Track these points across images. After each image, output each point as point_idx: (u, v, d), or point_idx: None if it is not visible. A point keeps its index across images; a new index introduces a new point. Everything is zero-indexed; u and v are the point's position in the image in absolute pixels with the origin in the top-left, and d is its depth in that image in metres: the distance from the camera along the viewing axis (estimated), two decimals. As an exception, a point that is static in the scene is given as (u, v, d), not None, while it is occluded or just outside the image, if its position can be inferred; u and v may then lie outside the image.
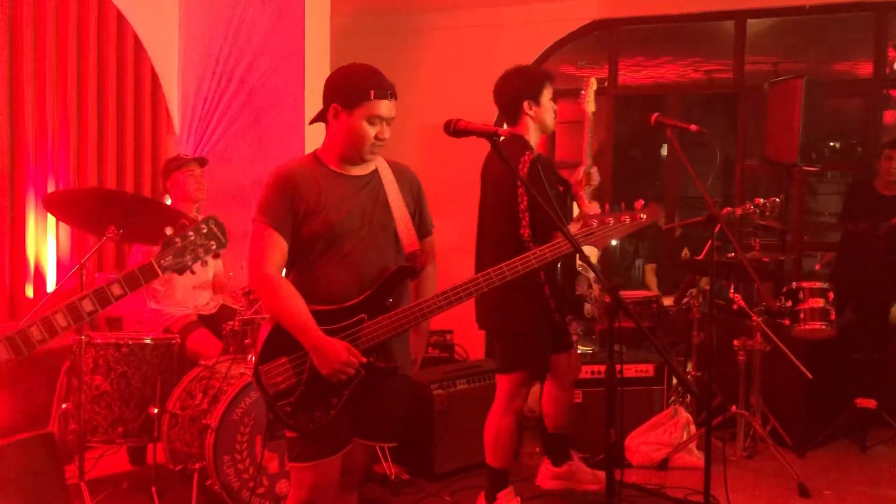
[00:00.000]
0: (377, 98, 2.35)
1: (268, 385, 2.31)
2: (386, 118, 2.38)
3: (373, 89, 2.34)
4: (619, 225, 2.39)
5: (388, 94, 2.37)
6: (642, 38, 6.56)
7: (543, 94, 3.42)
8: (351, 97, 2.36)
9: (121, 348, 3.55)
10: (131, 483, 3.77)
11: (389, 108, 2.38)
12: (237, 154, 5.26)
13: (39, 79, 4.63)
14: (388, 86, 2.38)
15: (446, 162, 3.56)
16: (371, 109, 2.35)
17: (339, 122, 2.40)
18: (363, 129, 2.37)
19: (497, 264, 2.41)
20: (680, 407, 4.45)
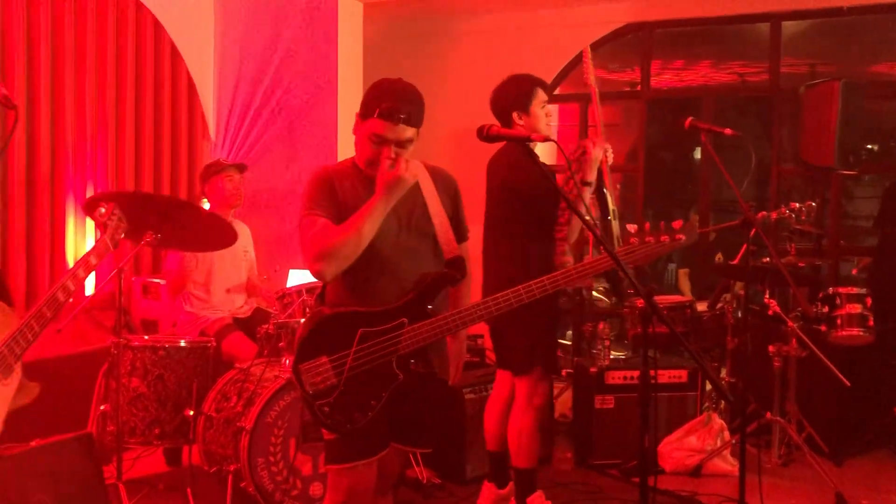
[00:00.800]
0: (380, 117, 2.30)
1: (307, 384, 2.32)
2: (391, 141, 2.32)
3: (380, 108, 2.30)
4: (658, 245, 2.38)
5: (397, 118, 2.29)
6: (675, 41, 6.52)
7: (533, 104, 3.42)
8: (364, 110, 2.37)
9: (157, 351, 3.60)
10: (167, 484, 3.82)
11: (396, 132, 2.31)
12: (270, 160, 5.32)
13: (80, 86, 4.73)
14: (402, 109, 2.30)
15: (476, 166, 3.57)
16: (373, 127, 2.33)
17: (356, 132, 2.42)
18: (366, 144, 2.36)
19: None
20: (713, 413, 4.41)
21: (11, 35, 4.36)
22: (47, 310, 1.96)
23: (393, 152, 2.33)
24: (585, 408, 4.34)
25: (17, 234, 4.44)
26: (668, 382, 4.36)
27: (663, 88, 7.75)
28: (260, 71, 5.49)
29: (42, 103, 4.52)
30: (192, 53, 5.44)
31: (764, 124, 7.74)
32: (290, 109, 5.42)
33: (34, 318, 1.92)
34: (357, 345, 2.33)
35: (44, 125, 4.54)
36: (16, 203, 4.42)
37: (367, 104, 2.36)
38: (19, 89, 4.40)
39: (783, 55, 5.71)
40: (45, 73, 4.52)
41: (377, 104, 2.32)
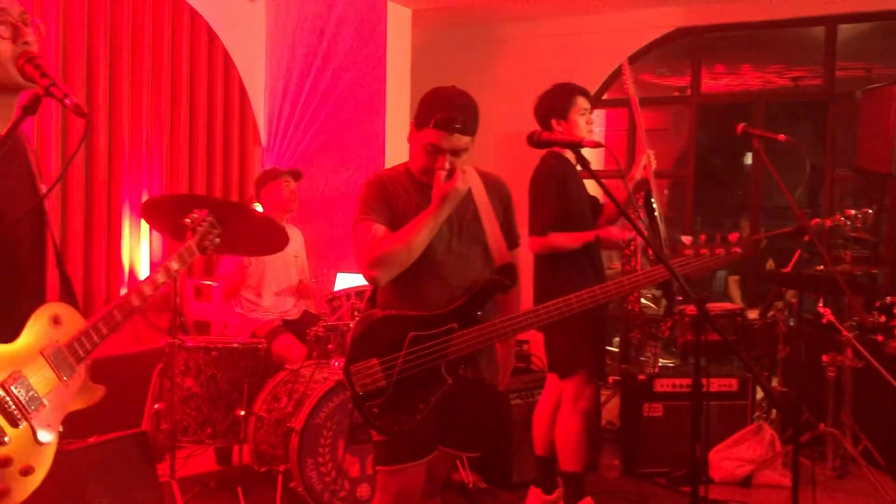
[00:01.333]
0: (436, 127, 2.31)
1: (358, 385, 2.34)
2: (446, 150, 2.33)
3: (435, 118, 2.31)
4: (714, 257, 2.36)
5: (452, 128, 2.30)
6: (726, 45, 6.43)
7: (572, 111, 3.47)
8: (418, 119, 2.38)
9: (210, 352, 3.67)
10: (218, 483, 3.89)
11: (451, 141, 2.31)
12: (319, 165, 5.39)
13: (136, 93, 4.85)
14: (457, 118, 2.30)
15: (525, 172, 3.58)
16: (428, 137, 2.34)
17: (411, 140, 2.44)
18: (421, 153, 2.38)
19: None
20: (765, 423, 4.33)
21: (72, 44, 4.49)
22: (118, 313, 1.93)
23: (448, 162, 2.34)
24: (633, 415, 4.30)
25: (76, 238, 4.57)
26: (719, 391, 4.30)
27: (713, 93, 7.64)
28: (310, 77, 5.57)
29: (100, 110, 4.65)
30: (245, 60, 5.54)
31: (818, 129, 7.58)
32: (338, 115, 5.49)
33: (102, 320, 1.91)
34: (407, 348, 2.35)
35: (101, 132, 4.66)
36: (74, 208, 4.55)
37: (423, 113, 2.37)
38: (79, 96, 4.52)
39: (839, 59, 5.60)
40: (104, 80, 4.65)
41: (432, 114, 2.32)
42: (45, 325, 1.83)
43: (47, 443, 1.79)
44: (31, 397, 1.75)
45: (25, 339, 1.79)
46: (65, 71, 4.48)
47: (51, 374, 1.81)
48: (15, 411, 1.72)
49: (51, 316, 1.85)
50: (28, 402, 1.75)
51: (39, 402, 1.77)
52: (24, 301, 1.84)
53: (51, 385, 1.81)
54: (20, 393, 1.73)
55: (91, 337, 1.88)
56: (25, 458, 1.74)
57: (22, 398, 1.74)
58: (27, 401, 1.75)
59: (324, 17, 5.52)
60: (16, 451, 1.73)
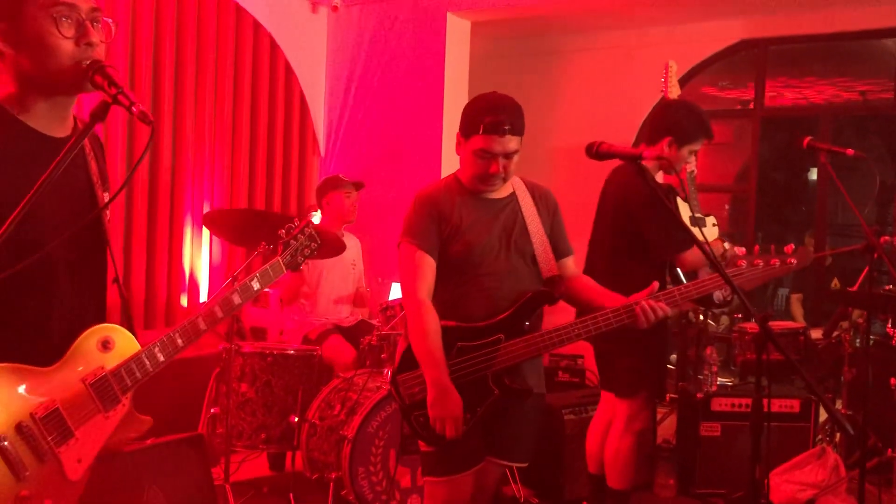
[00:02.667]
0: (486, 133, 2.32)
1: (405, 394, 2.36)
2: (498, 153, 2.34)
3: (483, 123, 2.32)
4: (767, 268, 2.31)
5: (501, 130, 2.31)
6: (790, 57, 6.29)
7: (690, 145, 3.33)
8: (466, 128, 2.40)
9: (266, 358, 3.71)
10: (271, 488, 3.93)
11: (502, 144, 2.33)
12: (377, 175, 5.43)
13: (200, 104, 4.96)
14: (504, 120, 2.32)
15: (586, 183, 3.53)
16: (479, 143, 2.34)
17: (460, 151, 2.45)
18: (473, 161, 2.38)
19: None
20: (828, 447, 4.19)
21: (139, 55, 4.62)
22: (180, 337, 1.74)
23: (500, 165, 2.35)
24: (690, 434, 4.20)
25: (139, 248, 4.69)
26: (779, 412, 4.17)
27: (777, 107, 7.48)
28: (368, 88, 5.63)
29: (165, 120, 4.77)
30: (306, 71, 5.63)
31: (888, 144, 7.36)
32: (396, 125, 5.53)
33: (160, 345, 1.71)
34: (454, 358, 2.35)
35: (165, 141, 4.78)
36: (138, 217, 4.67)
37: (470, 121, 2.39)
38: (145, 107, 4.64)
39: (909, 72, 5.42)
40: (168, 91, 4.77)
41: (480, 120, 2.34)
42: (91, 348, 1.65)
43: (77, 480, 1.61)
44: (62, 430, 1.58)
45: (68, 363, 1.62)
46: (132, 80, 4.60)
47: (91, 406, 1.63)
48: (42, 444, 1.55)
49: (100, 339, 1.67)
50: (59, 434, 1.57)
51: (71, 435, 1.59)
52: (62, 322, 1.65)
53: (88, 417, 1.62)
54: (49, 425, 1.56)
55: (144, 364, 1.69)
56: (49, 495, 1.56)
57: (52, 430, 1.56)
58: (58, 433, 1.57)
59: (384, 28, 5.58)
60: (38, 487, 1.55)
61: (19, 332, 1.61)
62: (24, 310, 1.61)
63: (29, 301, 1.61)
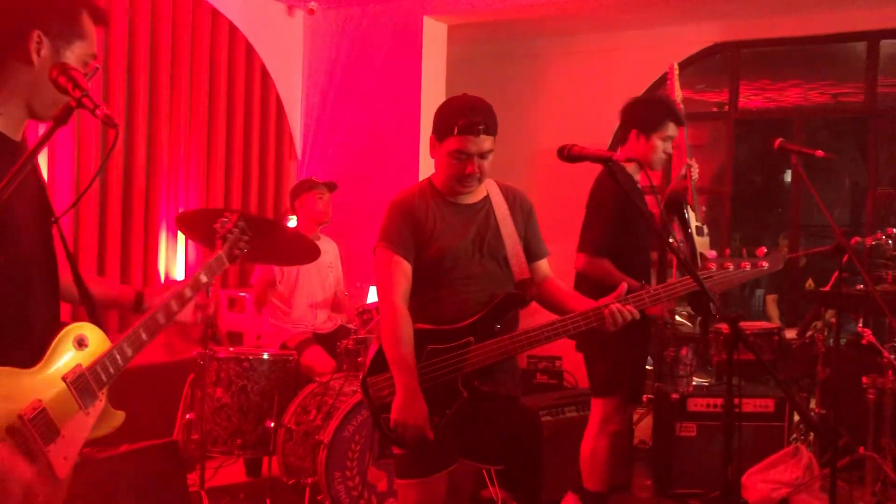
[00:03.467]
0: (460, 134, 2.33)
1: (374, 396, 2.36)
2: (474, 153, 2.35)
3: (457, 125, 2.33)
4: (739, 272, 2.34)
5: (476, 130, 2.33)
6: (764, 61, 6.35)
7: (657, 132, 3.34)
8: (440, 131, 2.40)
9: (241, 363, 3.69)
10: (247, 494, 3.91)
11: (477, 144, 2.34)
12: (355, 178, 5.42)
13: (175, 106, 4.93)
14: (478, 121, 2.33)
15: (563, 186, 3.56)
16: (454, 144, 2.35)
17: (435, 155, 2.45)
18: (449, 163, 2.39)
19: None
20: (802, 445, 4.23)
21: (113, 59, 4.58)
22: (144, 332, 1.78)
23: (476, 165, 2.36)
24: (666, 435, 4.23)
25: (113, 251, 4.64)
26: (754, 412, 4.21)
27: (752, 109, 7.55)
28: (345, 91, 5.62)
29: (139, 123, 4.73)
30: (282, 75, 5.61)
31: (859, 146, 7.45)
32: (374, 129, 5.52)
33: (127, 340, 1.76)
34: (424, 361, 2.36)
35: (140, 144, 4.74)
36: (112, 220, 4.63)
37: (443, 124, 2.39)
38: (119, 110, 4.62)
39: (880, 74, 5.49)
40: (143, 93, 4.73)
41: (454, 121, 2.35)
42: (69, 346, 1.70)
43: (64, 478, 1.65)
44: (50, 429, 1.62)
45: (49, 363, 1.66)
46: (106, 85, 4.57)
47: (72, 403, 1.67)
48: (33, 444, 1.58)
49: (76, 337, 1.71)
50: (47, 434, 1.61)
51: (58, 433, 1.63)
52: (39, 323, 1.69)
53: (71, 414, 1.67)
54: (38, 425, 1.59)
55: (116, 360, 1.73)
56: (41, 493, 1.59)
57: (40, 430, 1.59)
58: (46, 433, 1.61)
59: (360, 31, 5.57)
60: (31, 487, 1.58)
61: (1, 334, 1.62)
62: (5, 311, 1.63)
63: (9, 302, 1.63)
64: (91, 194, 4.51)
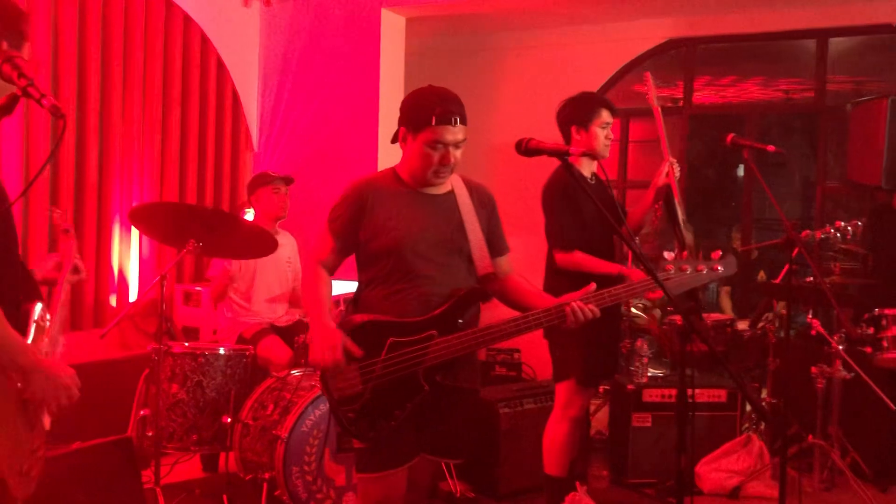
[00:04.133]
0: (438, 124, 2.34)
1: (334, 389, 2.35)
2: (450, 143, 2.37)
3: (435, 115, 2.33)
4: (695, 275, 2.38)
5: (452, 120, 2.34)
6: (718, 57, 6.46)
7: (594, 122, 3.46)
8: (415, 122, 2.39)
9: (197, 358, 3.65)
10: (203, 490, 3.86)
11: (454, 133, 2.35)
12: (313, 171, 5.38)
13: (128, 98, 4.84)
14: (454, 110, 2.35)
15: (525, 180, 3.59)
16: (432, 134, 2.35)
17: (407, 146, 2.44)
18: (426, 154, 2.38)
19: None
20: (753, 434, 4.32)
21: (63, 47, 4.48)
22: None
23: (451, 155, 2.38)
24: (622, 425, 4.29)
25: (65, 243, 4.54)
26: (707, 402, 4.29)
27: (706, 104, 7.68)
28: (303, 83, 5.57)
29: (90, 114, 4.63)
30: (238, 66, 5.54)
31: (809, 142, 7.63)
32: (332, 121, 5.49)
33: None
34: (386, 354, 2.35)
35: (92, 136, 4.65)
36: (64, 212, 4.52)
37: (418, 114, 2.38)
38: (70, 100, 4.52)
39: (830, 72, 5.62)
40: (94, 84, 4.64)
41: (430, 111, 2.35)
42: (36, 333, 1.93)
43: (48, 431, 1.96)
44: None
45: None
46: (56, 76, 4.47)
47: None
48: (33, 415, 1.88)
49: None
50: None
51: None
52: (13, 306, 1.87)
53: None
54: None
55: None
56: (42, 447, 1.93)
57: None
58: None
59: (318, 23, 5.53)
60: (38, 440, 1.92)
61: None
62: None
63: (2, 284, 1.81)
64: (41, 188, 4.41)
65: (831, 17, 5.35)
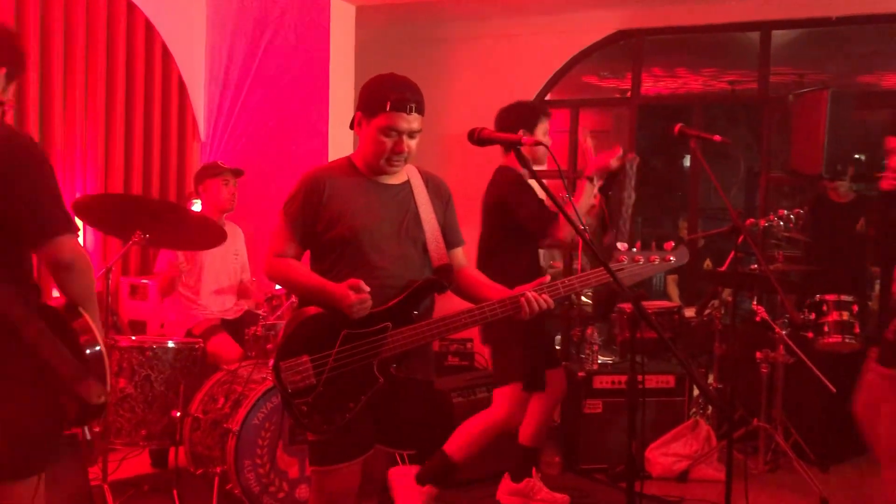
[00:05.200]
0: (393, 110, 2.33)
1: (287, 382, 2.32)
2: (404, 131, 2.36)
3: (390, 101, 2.32)
4: (648, 265, 2.41)
5: (407, 108, 2.33)
6: (666, 49, 6.55)
7: (539, 127, 3.56)
8: (370, 107, 2.38)
9: (145, 352, 3.59)
10: (153, 486, 3.81)
11: (409, 121, 2.35)
12: (261, 161, 5.31)
13: (70, 86, 4.70)
14: (411, 99, 2.34)
15: (476, 171, 3.60)
16: (386, 120, 2.34)
17: (362, 132, 2.43)
18: (378, 140, 2.37)
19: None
20: (701, 419, 4.42)
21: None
22: None
23: (405, 144, 2.37)
24: (573, 412, 4.35)
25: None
26: (656, 388, 4.37)
27: (653, 95, 7.79)
28: (251, 72, 5.48)
29: (31, 103, 4.49)
30: (184, 54, 5.43)
31: (754, 132, 7.79)
32: (281, 111, 5.41)
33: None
34: (339, 346, 2.34)
35: (32, 125, 4.51)
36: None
37: (374, 100, 2.37)
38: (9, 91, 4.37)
39: (773, 64, 5.74)
40: (34, 72, 4.50)
41: (386, 97, 2.34)
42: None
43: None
44: None
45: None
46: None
47: None
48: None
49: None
50: None
51: None
52: None
53: None
54: None
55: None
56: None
57: None
58: None
59: (266, 10, 5.44)
60: None
61: None
62: None
63: None
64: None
65: (774, 9, 5.47)
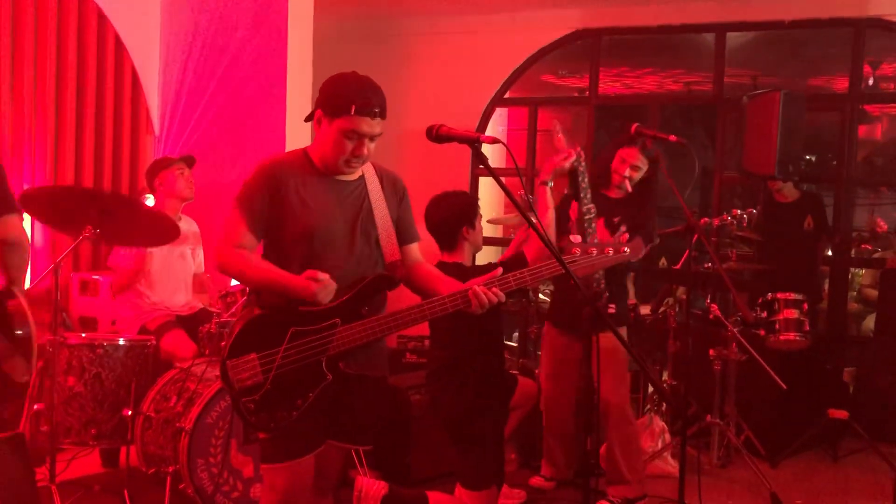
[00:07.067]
0: (357, 114, 2.31)
1: (234, 380, 2.30)
2: (367, 135, 2.34)
3: (355, 104, 2.30)
4: (602, 257, 2.42)
5: (372, 112, 2.32)
6: (624, 49, 6.62)
7: (478, 219, 3.42)
8: (333, 107, 2.35)
9: (95, 349, 3.51)
10: (103, 486, 3.73)
11: (371, 125, 2.33)
12: (217, 154, 5.23)
13: (17, 76, 4.59)
14: (375, 103, 2.32)
15: (428, 167, 3.58)
16: (349, 124, 2.32)
17: (322, 130, 2.40)
18: (339, 141, 2.35)
19: None
20: (655, 415, 4.47)
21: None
22: None
23: (365, 147, 2.35)
24: (530, 410, 4.35)
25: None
26: (612, 385, 4.40)
27: (611, 95, 7.85)
28: (207, 64, 5.39)
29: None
30: (137, 46, 5.32)
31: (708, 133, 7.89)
32: (237, 103, 5.33)
33: None
34: (287, 343, 2.32)
35: (-21, 115, 4.40)
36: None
37: (339, 100, 2.34)
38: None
39: (727, 65, 5.84)
40: (-19, 60, 4.38)
41: (351, 100, 2.31)
42: None
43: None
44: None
45: None
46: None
47: None
48: None
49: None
50: None
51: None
52: None
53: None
54: None
55: None
56: None
57: None
58: None
59: (223, 2, 5.36)
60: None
61: None
62: None
63: None
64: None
65: (729, 12, 5.56)
